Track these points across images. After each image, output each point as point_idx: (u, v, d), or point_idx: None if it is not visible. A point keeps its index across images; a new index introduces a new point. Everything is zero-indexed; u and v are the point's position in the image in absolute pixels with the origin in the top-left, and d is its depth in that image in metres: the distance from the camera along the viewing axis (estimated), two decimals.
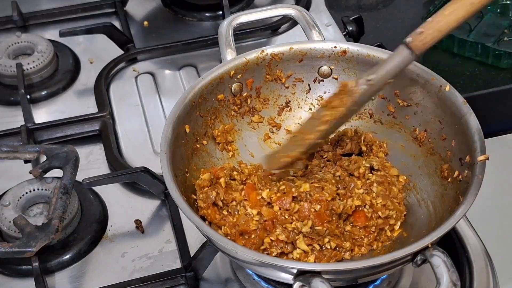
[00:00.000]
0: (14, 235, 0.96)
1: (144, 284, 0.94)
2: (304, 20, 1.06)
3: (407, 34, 0.84)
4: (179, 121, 0.91)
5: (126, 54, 1.32)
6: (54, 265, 0.97)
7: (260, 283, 0.91)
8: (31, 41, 1.30)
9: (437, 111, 0.93)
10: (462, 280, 0.91)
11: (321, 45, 1.00)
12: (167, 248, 0.99)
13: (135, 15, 1.44)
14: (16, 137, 1.15)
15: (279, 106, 1.03)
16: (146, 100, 1.24)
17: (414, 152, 0.96)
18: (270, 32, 1.37)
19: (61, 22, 1.42)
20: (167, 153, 0.86)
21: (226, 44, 1.02)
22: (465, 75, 1.23)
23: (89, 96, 1.25)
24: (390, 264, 0.76)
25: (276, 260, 0.77)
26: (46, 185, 1.02)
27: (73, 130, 1.17)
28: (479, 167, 0.82)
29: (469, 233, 0.97)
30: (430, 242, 0.74)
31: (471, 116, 0.87)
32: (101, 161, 1.13)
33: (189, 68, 1.31)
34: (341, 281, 0.81)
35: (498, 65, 1.23)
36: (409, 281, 0.92)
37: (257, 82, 1.01)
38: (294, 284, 0.74)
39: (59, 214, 0.92)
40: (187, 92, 0.94)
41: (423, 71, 0.94)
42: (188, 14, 1.43)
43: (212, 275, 0.95)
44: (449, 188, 0.88)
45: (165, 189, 1.03)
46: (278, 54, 1.00)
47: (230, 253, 0.79)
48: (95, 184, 1.01)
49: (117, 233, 1.02)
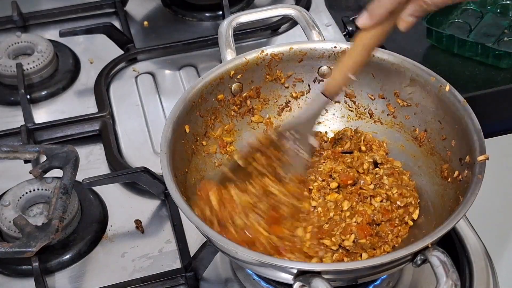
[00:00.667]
0: (14, 235, 0.96)
1: (144, 284, 0.94)
2: (304, 20, 1.06)
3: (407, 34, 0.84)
4: (179, 121, 0.91)
5: (126, 54, 1.32)
6: (54, 265, 0.97)
7: (260, 283, 0.91)
8: (31, 41, 1.30)
9: (437, 111, 0.93)
10: (462, 280, 0.91)
11: (321, 45, 1.00)
12: (167, 248, 0.99)
13: (135, 15, 1.44)
14: (16, 137, 1.15)
15: (279, 106, 1.03)
16: (146, 100, 1.24)
17: (414, 152, 0.96)
18: (270, 32, 1.37)
19: (61, 22, 1.42)
20: (167, 153, 0.86)
21: (226, 44, 1.02)
22: (465, 75, 1.23)
23: (89, 96, 1.25)
24: (390, 264, 0.76)
25: (276, 260, 0.77)
26: (46, 185, 1.02)
27: (73, 130, 1.17)
28: (479, 167, 0.82)
29: (469, 233, 0.97)
30: (430, 242, 0.74)
31: (471, 116, 0.87)
32: (101, 161, 1.13)
33: (189, 68, 1.31)
34: (341, 281, 0.81)
35: (498, 65, 1.23)
36: (409, 281, 0.92)
37: (257, 82, 1.01)
38: (294, 284, 0.74)
39: (59, 214, 0.92)
40: (187, 92, 0.94)
41: (423, 71, 0.94)
42: (188, 14, 1.43)
43: (212, 275, 0.95)
44: (449, 188, 0.88)
45: (165, 189, 1.03)
46: (278, 54, 1.00)
47: (230, 253, 0.79)
48: (95, 184, 1.01)
49: (117, 233, 1.02)
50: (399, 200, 0.89)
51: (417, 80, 0.94)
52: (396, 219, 0.88)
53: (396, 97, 0.97)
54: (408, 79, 0.95)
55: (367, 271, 0.77)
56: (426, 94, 0.94)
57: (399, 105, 0.97)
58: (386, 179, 0.91)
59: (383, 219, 0.88)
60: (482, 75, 1.23)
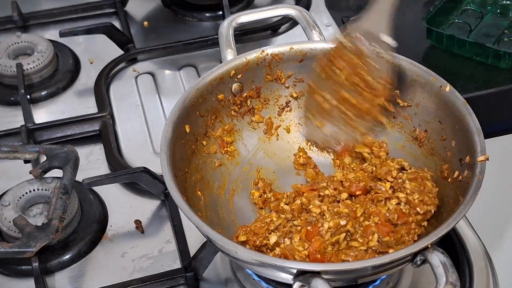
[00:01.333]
0: (14, 235, 0.96)
1: (144, 284, 0.94)
2: (304, 20, 1.06)
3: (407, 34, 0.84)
4: (179, 121, 0.91)
5: (126, 54, 1.32)
6: (54, 265, 0.97)
7: (260, 283, 0.91)
8: (31, 41, 1.30)
9: (437, 112, 0.93)
10: (462, 280, 0.91)
11: (322, 45, 1.00)
12: (167, 248, 0.99)
13: (135, 15, 1.44)
14: (16, 137, 1.15)
15: (279, 106, 1.03)
16: (146, 100, 1.24)
17: (414, 152, 0.96)
18: (270, 32, 1.37)
19: (61, 22, 1.42)
20: (167, 153, 0.86)
21: (227, 44, 1.02)
22: (465, 75, 1.23)
23: (89, 96, 1.25)
24: (390, 264, 0.76)
25: (276, 260, 0.77)
26: (46, 185, 1.02)
27: (73, 130, 1.17)
28: (479, 167, 0.82)
29: (469, 233, 0.97)
30: (430, 242, 0.74)
31: (471, 117, 0.87)
32: (101, 161, 1.13)
33: (189, 68, 1.31)
34: (341, 281, 0.81)
35: (498, 65, 1.23)
36: (409, 281, 0.92)
37: (258, 82, 1.01)
38: (294, 284, 0.74)
39: (59, 214, 0.92)
40: (188, 92, 0.94)
41: (423, 71, 0.94)
42: (188, 14, 1.43)
43: (212, 275, 0.95)
44: (449, 189, 0.88)
45: (165, 189, 1.03)
46: (279, 54, 1.00)
47: (230, 253, 0.79)
48: (95, 184, 1.01)
49: (117, 233, 1.02)
50: (419, 206, 0.86)
51: (417, 80, 0.94)
52: (412, 223, 0.86)
53: (396, 97, 0.97)
54: (408, 79, 0.95)
55: (367, 271, 0.77)
56: (426, 94, 0.94)
57: (399, 105, 0.97)
58: (408, 183, 0.88)
59: (399, 221, 0.86)
60: (482, 75, 1.23)
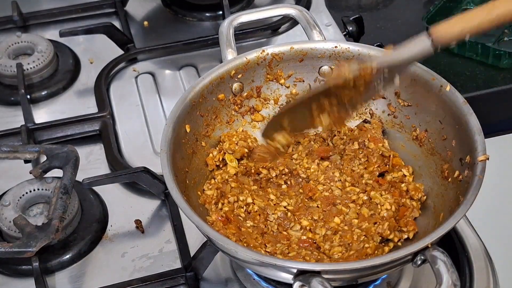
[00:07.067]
0: (14, 235, 0.96)
1: (144, 284, 0.94)
2: (304, 20, 1.06)
3: (407, 34, 0.84)
4: (179, 120, 0.91)
5: (126, 54, 1.32)
6: (54, 265, 0.97)
7: (260, 283, 0.91)
8: (31, 41, 1.30)
9: (438, 111, 0.93)
10: (462, 280, 0.91)
11: (322, 45, 1.00)
12: (167, 248, 0.99)
13: (135, 15, 1.44)
14: (16, 137, 1.15)
15: (279, 106, 1.03)
16: (146, 100, 1.24)
17: (414, 152, 0.96)
18: (271, 32, 1.37)
19: (61, 22, 1.42)
20: (167, 153, 0.86)
21: (227, 44, 1.02)
22: (465, 75, 1.23)
23: (89, 96, 1.25)
24: (390, 264, 0.76)
25: (276, 260, 0.77)
26: (46, 185, 1.02)
27: (73, 130, 1.17)
28: (479, 167, 0.82)
29: (469, 233, 0.97)
30: (430, 242, 0.74)
31: (471, 116, 0.87)
32: (101, 161, 1.13)
33: (189, 68, 1.31)
34: (341, 281, 0.81)
35: (498, 65, 1.23)
36: (409, 281, 0.92)
37: (258, 81, 1.01)
38: (294, 284, 0.74)
39: (59, 214, 0.92)
40: (188, 92, 0.94)
41: (423, 71, 0.94)
42: (188, 14, 1.43)
43: (212, 275, 0.95)
44: (450, 188, 0.88)
45: (165, 189, 1.03)
46: (279, 54, 1.00)
47: (230, 253, 0.79)
48: (95, 184, 1.01)
49: (117, 233, 1.02)
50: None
51: (417, 80, 0.94)
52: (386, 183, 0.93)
53: (396, 97, 0.97)
54: (409, 79, 0.95)
55: (367, 271, 0.77)
56: (427, 94, 0.94)
57: (399, 105, 0.97)
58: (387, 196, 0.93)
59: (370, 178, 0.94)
60: (482, 75, 1.24)
